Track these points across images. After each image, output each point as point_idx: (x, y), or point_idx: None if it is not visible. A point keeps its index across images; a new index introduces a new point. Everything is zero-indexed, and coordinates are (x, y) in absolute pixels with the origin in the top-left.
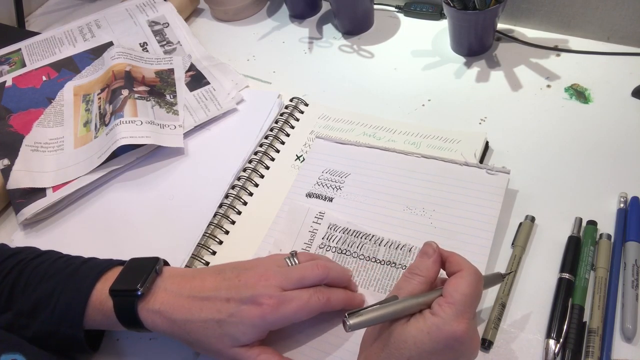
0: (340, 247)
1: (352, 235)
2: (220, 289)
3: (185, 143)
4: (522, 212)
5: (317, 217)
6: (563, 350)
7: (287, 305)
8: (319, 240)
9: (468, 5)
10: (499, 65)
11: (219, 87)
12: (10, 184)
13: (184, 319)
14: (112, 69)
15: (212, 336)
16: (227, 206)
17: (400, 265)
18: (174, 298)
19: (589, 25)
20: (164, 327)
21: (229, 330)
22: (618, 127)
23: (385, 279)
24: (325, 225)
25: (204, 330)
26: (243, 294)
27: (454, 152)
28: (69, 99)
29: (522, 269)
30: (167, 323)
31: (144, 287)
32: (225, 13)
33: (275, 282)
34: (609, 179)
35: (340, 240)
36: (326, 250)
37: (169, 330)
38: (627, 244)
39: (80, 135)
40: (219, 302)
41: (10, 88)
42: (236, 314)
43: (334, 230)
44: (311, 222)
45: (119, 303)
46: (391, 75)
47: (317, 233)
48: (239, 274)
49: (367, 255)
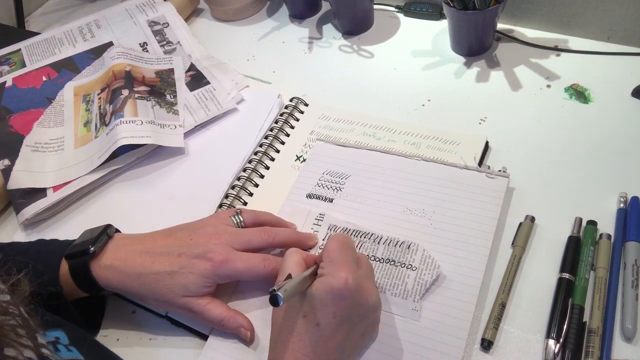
0: None
1: (352, 235)
2: (173, 246)
3: (185, 143)
4: (522, 212)
5: (317, 219)
6: (563, 350)
7: (234, 263)
8: (319, 241)
9: (468, 5)
10: (499, 65)
11: (219, 87)
12: (10, 184)
13: (137, 272)
14: (112, 69)
15: (163, 287)
16: (226, 206)
17: (400, 262)
18: (127, 254)
19: (589, 25)
20: (116, 282)
21: (180, 281)
22: (618, 127)
23: (384, 277)
24: (325, 226)
25: (156, 282)
26: (194, 250)
27: (453, 154)
28: (69, 99)
29: (522, 269)
30: (119, 277)
31: (95, 246)
32: (225, 13)
33: (225, 241)
34: (609, 179)
35: None
36: None
37: (122, 285)
38: (627, 244)
39: (80, 135)
40: (172, 257)
41: (11, 88)
42: (187, 266)
43: (334, 231)
44: (311, 224)
45: (73, 265)
46: (391, 75)
47: (318, 234)
48: (190, 234)
49: (367, 253)
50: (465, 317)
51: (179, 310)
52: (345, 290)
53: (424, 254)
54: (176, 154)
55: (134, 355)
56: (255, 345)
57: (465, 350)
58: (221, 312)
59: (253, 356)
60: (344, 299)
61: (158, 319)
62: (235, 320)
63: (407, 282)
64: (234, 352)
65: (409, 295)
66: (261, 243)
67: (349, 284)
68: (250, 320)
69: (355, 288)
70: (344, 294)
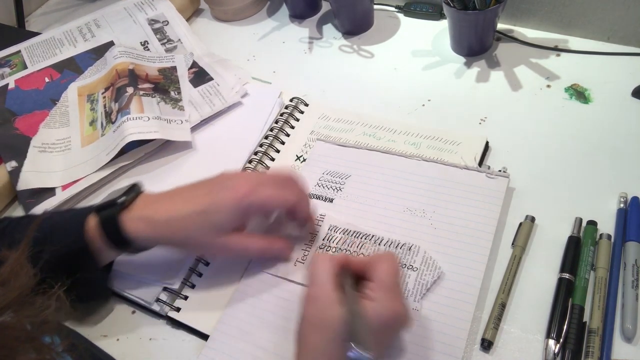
0: (340, 247)
1: (352, 236)
2: (200, 188)
3: (192, 138)
4: (522, 212)
5: (317, 220)
6: (563, 350)
7: (261, 190)
8: (319, 241)
9: (468, 5)
10: (499, 65)
11: (222, 82)
12: (20, 185)
13: (167, 217)
14: (115, 68)
15: (195, 229)
16: None
17: (401, 263)
18: (155, 204)
19: (589, 25)
20: (147, 231)
21: (210, 218)
22: (618, 127)
23: None
24: (326, 227)
25: (187, 225)
26: (221, 186)
27: (454, 154)
28: (74, 99)
29: (522, 269)
30: (150, 227)
31: (125, 199)
32: (225, 13)
33: (250, 176)
34: (609, 179)
35: (340, 240)
36: (326, 250)
37: (152, 235)
38: (627, 244)
39: (86, 134)
40: (200, 197)
41: (13, 90)
42: (216, 201)
43: (334, 232)
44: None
45: (103, 217)
46: (391, 75)
47: (318, 235)
48: (218, 176)
49: (367, 254)
50: (465, 317)
51: (217, 251)
52: (394, 322)
53: (425, 255)
54: (183, 149)
55: (134, 355)
56: (255, 345)
57: (465, 350)
58: (260, 243)
59: (253, 356)
60: (389, 328)
61: (158, 319)
62: (275, 247)
63: (408, 282)
64: (234, 352)
65: (410, 295)
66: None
67: (400, 315)
68: (287, 240)
69: (403, 319)
70: (391, 325)
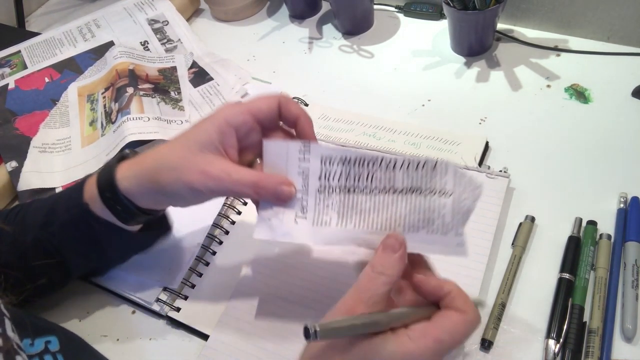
0: (345, 185)
1: (356, 165)
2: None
3: None
4: (522, 212)
5: (302, 153)
6: (563, 350)
7: (245, 105)
8: (315, 182)
9: (468, 5)
10: (499, 65)
11: (222, 82)
12: (20, 186)
13: (152, 154)
14: (115, 68)
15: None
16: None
17: (428, 190)
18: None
19: (589, 25)
20: (134, 170)
21: (190, 136)
22: (618, 127)
23: (414, 213)
24: (316, 160)
25: (170, 154)
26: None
27: (454, 154)
28: (74, 99)
29: (522, 269)
30: (137, 165)
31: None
32: (225, 13)
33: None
34: (609, 179)
35: (342, 175)
36: (328, 194)
37: (139, 175)
38: (627, 244)
39: (87, 134)
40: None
41: (14, 90)
42: (199, 124)
43: (330, 165)
44: (297, 163)
45: (99, 174)
46: (391, 75)
47: (310, 174)
48: None
49: (382, 186)
50: None
51: (198, 176)
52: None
53: (457, 171)
54: None
55: (134, 355)
56: (255, 345)
57: (465, 350)
58: (252, 173)
59: (253, 356)
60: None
61: (158, 319)
62: (271, 179)
63: (444, 213)
64: (234, 352)
65: (450, 230)
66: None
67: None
68: (284, 177)
69: None
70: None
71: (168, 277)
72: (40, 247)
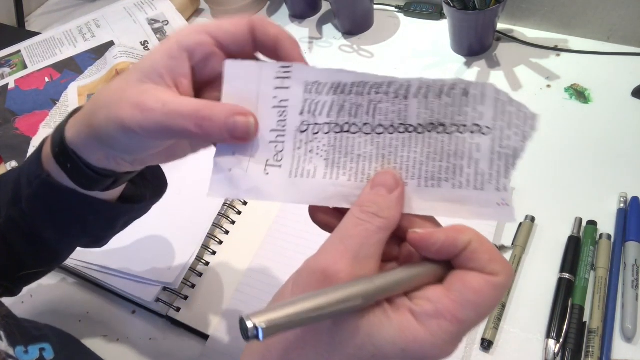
0: (337, 122)
1: (353, 93)
2: None
3: None
4: (522, 212)
5: (280, 78)
6: (563, 350)
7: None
8: (295, 118)
9: (468, 5)
10: (499, 65)
11: None
12: None
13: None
14: (115, 68)
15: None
16: (228, 205)
17: (454, 125)
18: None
19: (589, 25)
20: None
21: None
22: (618, 127)
23: (433, 160)
24: (299, 87)
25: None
26: None
27: None
28: (74, 99)
29: (522, 269)
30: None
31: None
32: (226, 13)
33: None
34: (609, 179)
35: (334, 107)
36: (313, 134)
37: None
38: (627, 244)
39: None
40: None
41: (14, 90)
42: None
43: (318, 93)
44: (271, 91)
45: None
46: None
47: (289, 107)
48: None
49: (389, 122)
50: None
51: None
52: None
53: (498, 97)
54: None
55: (134, 355)
56: None
57: (465, 350)
58: (194, 101)
59: None
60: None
61: (158, 319)
62: (220, 108)
63: (477, 158)
64: (234, 352)
65: (488, 181)
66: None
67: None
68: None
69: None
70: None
71: (168, 277)
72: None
